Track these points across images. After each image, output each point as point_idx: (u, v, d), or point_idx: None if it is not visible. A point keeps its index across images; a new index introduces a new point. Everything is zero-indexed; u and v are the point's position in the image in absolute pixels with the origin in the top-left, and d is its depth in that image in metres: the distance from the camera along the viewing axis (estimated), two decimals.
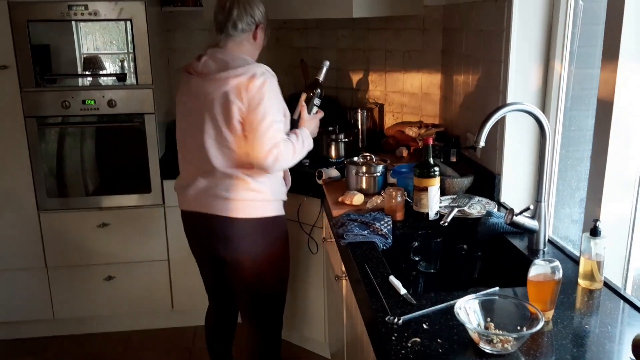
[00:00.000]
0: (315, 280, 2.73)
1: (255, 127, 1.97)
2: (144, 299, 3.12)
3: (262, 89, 1.97)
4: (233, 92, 1.97)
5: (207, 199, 2.10)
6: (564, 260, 1.65)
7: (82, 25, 2.80)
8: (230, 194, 2.06)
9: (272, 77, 2.04)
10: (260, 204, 2.10)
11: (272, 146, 1.99)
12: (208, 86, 2.02)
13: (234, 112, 1.98)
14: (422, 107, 2.96)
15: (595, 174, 1.62)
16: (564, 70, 1.97)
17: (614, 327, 1.31)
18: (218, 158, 2.05)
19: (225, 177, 2.06)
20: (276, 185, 2.15)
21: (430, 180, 1.94)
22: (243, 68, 1.99)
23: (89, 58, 2.88)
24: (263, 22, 2.14)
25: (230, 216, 2.07)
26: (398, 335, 1.27)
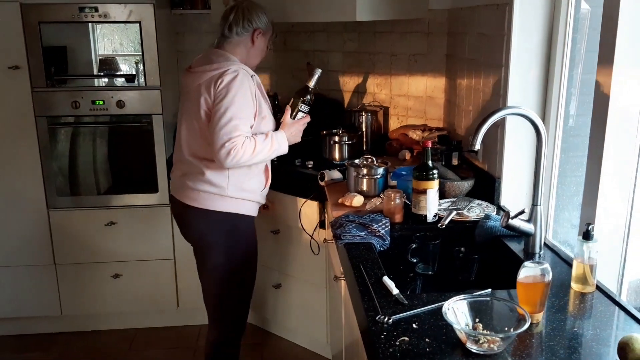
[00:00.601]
0: (317, 281, 2.75)
1: (215, 120, 2.04)
2: (149, 297, 3.16)
3: (230, 84, 2.04)
4: (204, 85, 2.08)
5: (179, 187, 2.25)
6: (559, 264, 1.66)
7: (99, 27, 2.86)
8: (191, 183, 2.17)
9: (245, 75, 2.09)
10: (216, 198, 2.17)
11: (227, 140, 2.02)
12: (189, 80, 2.15)
13: (201, 104, 2.08)
14: (426, 110, 2.97)
15: (590, 178, 1.63)
16: (564, 75, 1.97)
17: (604, 331, 1.32)
18: (188, 147, 2.18)
19: (191, 166, 2.18)
20: (238, 185, 2.18)
21: (429, 182, 1.95)
22: (219, 64, 2.09)
23: (104, 59, 2.94)
24: (263, 27, 2.21)
25: (189, 204, 2.19)
26: (387, 334, 1.29)
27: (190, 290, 3.10)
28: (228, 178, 2.16)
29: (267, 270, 2.93)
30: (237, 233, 2.25)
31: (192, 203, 2.19)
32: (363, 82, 3.22)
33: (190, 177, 2.18)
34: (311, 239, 2.62)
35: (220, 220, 2.20)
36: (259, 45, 2.23)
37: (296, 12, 2.70)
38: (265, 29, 2.23)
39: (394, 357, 1.20)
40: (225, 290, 2.29)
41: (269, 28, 2.26)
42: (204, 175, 2.15)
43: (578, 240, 1.46)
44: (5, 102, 2.86)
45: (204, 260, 2.29)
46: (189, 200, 2.19)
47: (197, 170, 2.16)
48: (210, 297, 2.34)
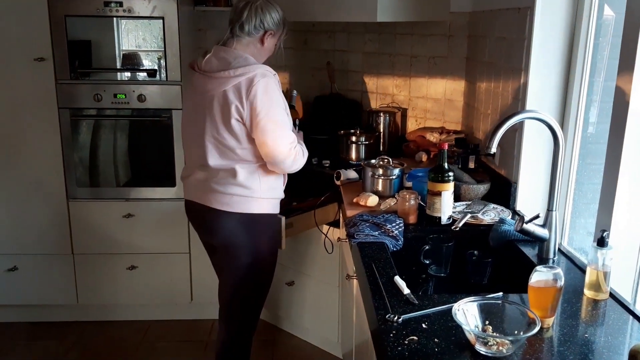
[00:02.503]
0: (330, 280, 2.76)
1: (271, 132, 2.04)
2: (164, 290, 3.20)
3: (267, 92, 2.02)
4: (232, 92, 2.02)
5: (202, 191, 2.19)
6: (572, 270, 1.65)
7: (123, 23, 2.91)
8: (221, 187, 2.13)
9: (272, 77, 2.08)
10: (249, 200, 2.14)
11: (291, 146, 2.10)
12: (209, 84, 2.08)
13: (232, 112, 2.03)
14: (445, 113, 2.97)
15: (607, 185, 1.62)
16: (584, 82, 1.96)
17: (615, 338, 1.31)
18: (214, 155, 2.12)
19: (219, 171, 2.13)
20: (268, 184, 2.19)
21: (444, 185, 1.95)
22: (243, 68, 2.03)
23: (128, 54, 2.98)
24: (274, 28, 2.17)
25: (219, 209, 2.15)
26: (396, 332, 1.29)
27: (204, 284, 3.13)
28: (259, 179, 2.15)
29: (281, 268, 2.94)
30: (265, 232, 2.25)
31: (224, 208, 2.14)
32: (382, 83, 3.22)
33: (217, 181, 2.13)
34: (325, 237, 2.63)
35: (251, 221, 2.18)
36: (268, 45, 2.19)
37: (317, 11, 2.72)
38: (276, 29, 2.19)
39: (402, 356, 1.20)
40: (246, 289, 2.30)
41: (279, 28, 2.21)
42: (235, 178, 2.12)
43: (592, 246, 1.45)
44: (30, 93, 2.92)
45: (229, 261, 2.26)
46: (220, 205, 2.15)
47: (226, 174, 2.12)
48: (230, 295, 2.33)
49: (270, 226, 2.27)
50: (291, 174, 2.31)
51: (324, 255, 2.70)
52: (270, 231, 2.28)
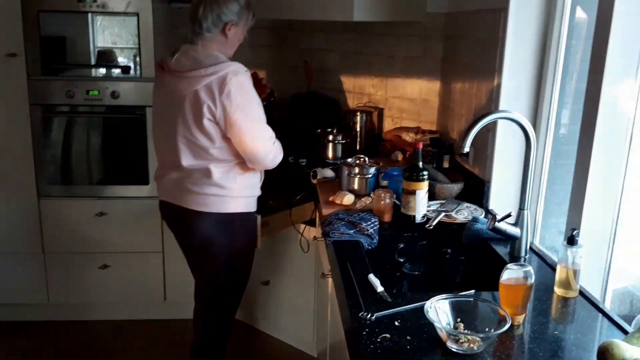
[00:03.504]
0: (306, 279, 2.76)
1: (250, 128, 2.03)
2: (137, 289, 3.16)
3: (241, 89, 2.00)
4: (204, 91, 1.98)
5: (177, 191, 2.16)
6: (543, 268, 1.67)
7: (99, 19, 2.87)
8: (196, 187, 2.10)
9: (245, 73, 2.04)
10: (226, 200, 2.12)
11: (271, 142, 2.10)
12: (179, 84, 2.03)
13: (204, 112, 1.99)
14: (420, 113, 2.99)
15: (577, 185, 1.65)
16: (556, 83, 1.99)
17: (585, 335, 1.33)
18: (187, 156, 2.08)
19: (193, 172, 2.10)
20: (245, 183, 2.17)
21: (419, 184, 1.97)
22: (214, 67, 1.98)
23: (103, 51, 2.94)
24: (235, 19, 2.09)
25: (195, 209, 2.12)
26: (369, 330, 1.29)
27: (178, 283, 3.10)
28: (235, 178, 2.13)
29: (257, 267, 2.90)
30: (242, 231, 2.23)
31: (200, 208, 2.11)
32: (359, 82, 3.23)
33: (192, 181, 2.10)
34: (301, 236, 2.63)
35: (229, 221, 2.16)
36: (234, 36, 2.11)
37: (295, 9, 2.71)
38: (238, 19, 2.10)
39: (374, 354, 1.21)
40: (222, 289, 2.28)
41: (241, 16, 2.11)
42: (210, 178, 2.08)
43: (562, 245, 1.48)
44: (1, 89, 2.85)
45: (205, 261, 2.25)
46: (196, 206, 2.12)
47: (201, 174, 2.09)
48: (205, 294, 2.31)
49: (246, 224, 2.25)
50: (267, 171, 2.30)
51: (300, 254, 2.69)
52: (247, 230, 2.26)
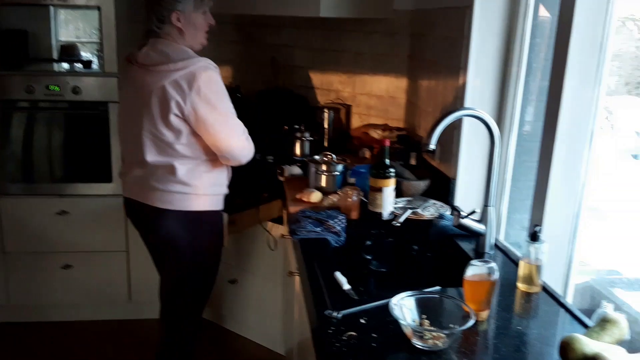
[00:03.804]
0: (273, 277, 2.74)
1: (223, 123, 2.00)
2: (101, 289, 3.10)
3: (212, 85, 1.96)
4: (172, 87, 1.93)
5: (141, 189, 2.11)
6: (507, 264, 1.69)
7: (62, 13, 2.79)
8: (161, 185, 2.05)
9: (214, 69, 2.01)
10: (191, 197, 2.09)
11: (244, 136, 2.08)
12: (147, 78, 1.98)
13: (172, 107, 1.95)
14: (388, 110, 3.00)
15: (540, 182, 1.67)
16: (520, 81, 2.01)
17: (547, 330, 1.35)
18: (152, 152, 2.04)
19: (158, 168, 2.05)
20: (211, 181, 2.13)
21: (386, 181, 1.97)
22: (183, 62, 1.94)
23: (65, 45, 2.89)
24: (179, 8, 1.99)
25: (160, 207, 2.07)
26: (335, 328, 1.29)
27: (143, 283, 3.05)
28: (201, 176, 2.09)
29: (224, 266, 2.86)
30: (208, 230, 2.20)
31: (164, 205, 2.07)
32: (327, 79, 3.22)
33: (156, 178, 2.06)
34: (268, 234, 2.61)
35: (194, 219, 2.12)
36: (188, 24, 2.03)
37: (261, 5, 2.69)
38: (183, 7, 2.00)
39: (340, 352, 1.20)
40: (189, 288, 2.24)
41: (188, 3, 2.00)
42: (174, 175, 2.04)
43: (525, 241, 1.50)
44: None
45: (171, 260, 2.20)
46: (161, 203, 2.07)
47: (165, 171, 2.05)
48: (172, 294, 2.27)
49: (213, 223, 2.22)
50: (234, 169, 2.27)
51: (267, 252, 2.67)
52: (214, 228, 2.23)
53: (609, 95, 1.81)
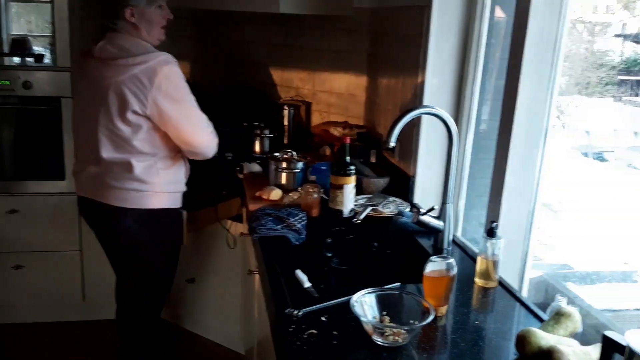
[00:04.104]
0: (233, 276, 2.71)
1: (189, 118, 1.97)
2: (53, 290, 3.01)
3: (173, 79, 1.93)
4: (131, 82, 1.90)
5: (96, 187, 2.06)
6: (465, 260, 1.72)
7: (13, 6, 2.69)
8: (117, 182, 2.01)
9: (175, 63, 1.98)
10: (148, 195, 2.05)
11: (209, 129, 2.06)
12: (105, 72, 1.94)
13: (130, 102, 1.91)
14: (348, 107, 3.00)
15: (496, 179, 1.70)
16: (476, 80, 2.04)
17: (503, 324, 1.38)
18: (108, 148, 1.99)
19: (114, 165, 2.01)
20: (169, 178, 2.10)
21: (346, 178, 1.97)
22: (143, 56, 1.91)
23: (17, 39, 2.79)
24: (133, 3, 1.96)
25: (116, 205, 2.03)
26: (296, 327, 1.28)
27: (98, 283, 2.97)
28: (159, 173, 2.04)
29: (182, 265, 2.83)
30: (166, 228, 2.16)
31: (120, 204, 2.02)
32: (287, 76, 3.20)
33: (112, 176, 2.01)
34: (227, 232, 2.58)
35: (151, 217, 2.08)
36: (142, 20, 1.99)
37: (220, 0, 2.65)
38: (136, 2, 1.96)
39: (300, 350, 1.19)
40: (147, 288, 2.20)
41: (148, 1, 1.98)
42: (132, 173, 1.99)
43: (482, 237, 1.52)
44: None
45: (128, 259, 2.16)
46: (117, 201, 2.02)
47: (121, 169, 2.00)
48: (129, 294, 2.23)
49: (171, 221, 2.18)
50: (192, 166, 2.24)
51: (227, 250, 2.64)
52: (172, 226, 2.19)
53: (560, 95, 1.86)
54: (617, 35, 4.30)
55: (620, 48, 4.21)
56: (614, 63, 4.39)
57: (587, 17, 3.37)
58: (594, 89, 4.30)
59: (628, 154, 5.07)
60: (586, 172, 2.98)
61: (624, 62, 4.40)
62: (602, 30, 4.36)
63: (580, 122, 3.53)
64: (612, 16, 4.22)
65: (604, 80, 4.28)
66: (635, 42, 4.69)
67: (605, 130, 4.69)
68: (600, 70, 4.21)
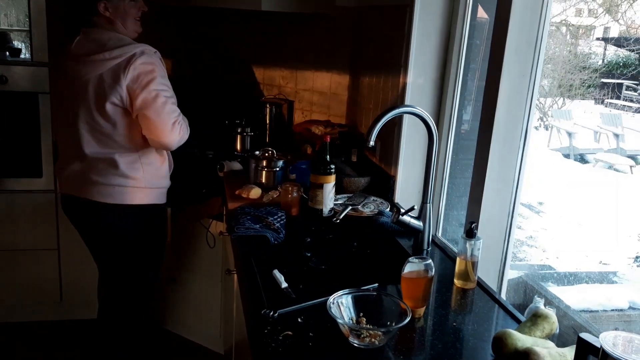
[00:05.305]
0: (212, 275, 2.68)
1: (152, 107, 1.93)
2: (30, 289, 2.95)
3: (147, 68, 1.92)
4: (109, 75, 1.90)
5: (80, 183, 2.05)
6: (444, 260, 1.72)
7: None
8: (101, 178, 2.01)
9: (153, 54, 1.97)
10: (132, 190, 2.04)
11: (174, 121, 1.99)
12: (82, 69, 1.94)
13: (109, 95, 1.91)
14: (330, 106, 2.99)
15: (476, 180, 1.70)
16: (458, 80, 2.04)
17: (481, 325, 1.37)
18: (90, 143, 1.99)
19: (97, 162, 2.00)
20: (152, 173, 2.09)
21: (326, 177, 1.96)
22: (120, 49, 1.91)
23: None
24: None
25: (101, 201, 2.02)
26: (271, 328, 1.26)
27: (76, 282, 2.93)
28: (142, 168, 2.03)
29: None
30: (151, 224, 2.15)
31: (105, 199, 2.01)
32: (269, 74, 3.18)
33: (96, 172, 2.00)
34: (207, 231, 2.55)
35: (137, 213, 2.07)
36: (118, 13, 1.97)
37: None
38: None
39: (276, 352, 1.17)
40: (132, 286, 2.18)
41: None
42: (117, 169, 1.99)
43: (461, 238, 1.51)
44: None
45: (112, 256, 2.15)
46: (102, 197, 2.01)
47: (106, 165, 1.99)
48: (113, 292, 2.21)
49: (155, 217, 2.17)
50: (175, 163, 2.23)
51: (206, 249, 2.61)
52: (156, 223, 2.18)
53: (543, 97, 1.87)
54: (599, 39, 4.33)
55: (603, 51, 4.24)
56: (596, 66, 4.44)
57: (570, 20, 3.38)
58: (577, 91, 4.34)
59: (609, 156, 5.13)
60: (567, 174, 2.99)
61: (606, 65, 4.45)
62: (585, 33, 4.39)
63: (563, 124, 3.54)
64: (595, 19, 4.24)
65: (586, 82, 4.33)
66: (617, 45, 4.75)
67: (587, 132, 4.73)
68: (583, 72, 4.25)
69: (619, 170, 6.38)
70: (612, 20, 6.80)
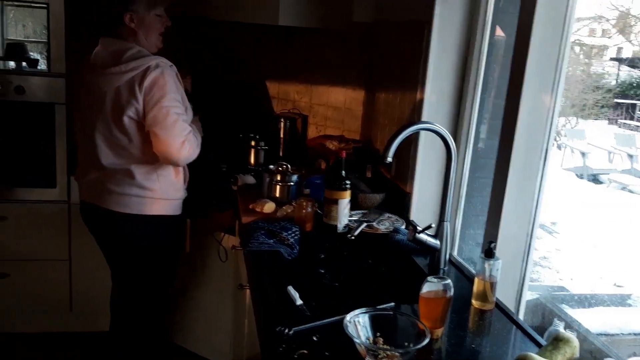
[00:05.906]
0: (223, 289, 2.66)
1: (162, 123, 1.94)
2: (40, 299, 2.94)
3: (159, 83, 1.92)
4: (125, 88, 1.92)
5: (97, 192, 2.07)
6: (461, 280, 1.69)
7: (10, 12, 2.66)
8: (118, 188, 2.03)
9: (168, 68, 1.98)
10: (148, 201, 2.05)
11: (183, 140, 1.99)
12: (100, 81, 1.96)
13: (125, 109, 1.93)
14: (344, 121, 2.98)
15: (495, 199, 1.67)
16: (476, 98, 2.02)
17: (499, 348, 1.34)
18: (108, 155, 2.02)
19: (114, 172, 2.02)
20: (168, 184, 2.10)
21: (341, 193, 1.94)
22: (135, 62, 1.92)
23: (13, 44, 2.77)
24: (133, 8, 1.96)
25: (117, 211, 2.04)
26: (286, 346, 1.24)
27: (86, 293, 2.91)
28: (158, 179, 2.05)
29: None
30: (167, 235, 2.16)
31: (122, 209, 2.03)
32: (284, 88, 3.18)
33: (114, 181, 2.02)
34: (219, 245, 2.53)
35: (154, 223, 2.09)
36: (142, 25, 1.99)
37: (220, 10, 2.64)
38: (136, 7, 1.95)
39: None
40: (146, 297, 2.18)
41: (138, 2, 1.96)
42: (133, 179, 2.01)
43: (480, 257, 1.49)
44: None
45: (127, 266, 2.16)
46: (118, 207, 2.04)
47: (123, 174, 2.02)
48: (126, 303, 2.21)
49: (171, 229, 2.18)
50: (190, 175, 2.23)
51: (218, 263, 2.59)
52: (172, 234, 2.19)
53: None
54: (613, 59, 4.31)
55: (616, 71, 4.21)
56: (610, 86, 4.43)
57: (584, 40, 3.38)
58: (590, 111, 4.32)
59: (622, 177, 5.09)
60: (581, 194, 2.96)
61: (620, 86, 4.43)
62: (598, 53, 4.38)
63: (576, 144, 3.51)
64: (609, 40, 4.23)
65: (599, 102, 4.30)
66: (631, 66, 4.74)
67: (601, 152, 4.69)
68: (597, 92, 4.23)
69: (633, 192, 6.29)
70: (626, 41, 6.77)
